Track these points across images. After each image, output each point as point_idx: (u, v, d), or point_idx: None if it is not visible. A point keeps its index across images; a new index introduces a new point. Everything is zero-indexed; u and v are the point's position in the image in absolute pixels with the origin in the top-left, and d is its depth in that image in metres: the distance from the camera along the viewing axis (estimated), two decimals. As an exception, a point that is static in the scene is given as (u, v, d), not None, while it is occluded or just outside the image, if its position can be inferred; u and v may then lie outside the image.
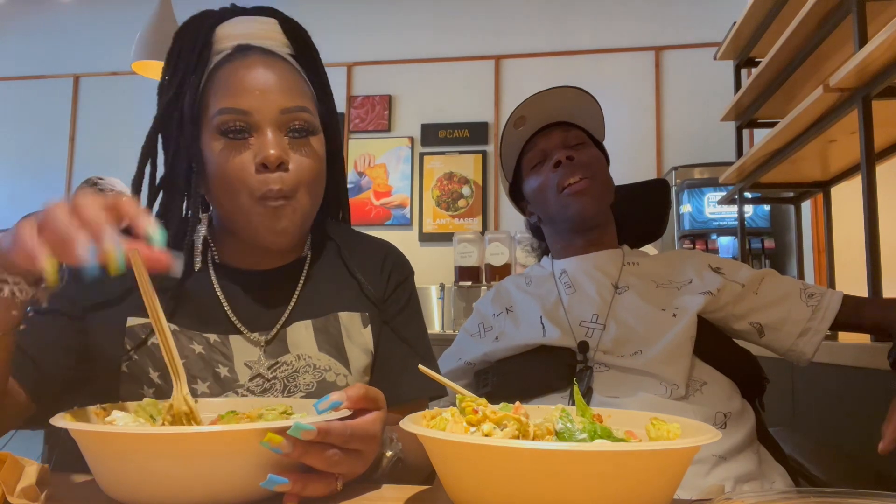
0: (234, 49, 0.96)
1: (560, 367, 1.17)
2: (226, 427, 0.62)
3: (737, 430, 1.10)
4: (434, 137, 4.39)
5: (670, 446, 0.58)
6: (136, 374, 0.90)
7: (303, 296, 0.98)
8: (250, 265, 0.98)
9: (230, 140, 0.90)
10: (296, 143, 0.91)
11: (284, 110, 0.90)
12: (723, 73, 2.94)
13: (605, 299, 1.24)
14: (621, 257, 1.32)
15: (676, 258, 1.33)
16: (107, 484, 0.64)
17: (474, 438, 0.59)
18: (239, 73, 0.92)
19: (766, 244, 3.52)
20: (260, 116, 0.90)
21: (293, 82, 0.94)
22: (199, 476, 0.61)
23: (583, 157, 1.29)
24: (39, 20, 4.92)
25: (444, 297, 3.95)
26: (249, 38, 0.97)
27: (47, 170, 4.73)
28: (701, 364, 1.16)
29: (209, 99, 0.92)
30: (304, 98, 0.94)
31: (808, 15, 1.88)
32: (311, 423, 0.62)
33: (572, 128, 1.35)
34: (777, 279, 1.27)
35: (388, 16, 4.49)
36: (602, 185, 1.30)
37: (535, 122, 1.36)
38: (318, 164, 0.93)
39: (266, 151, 0.87)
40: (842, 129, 1.82)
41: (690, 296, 1.21)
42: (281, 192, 0.88)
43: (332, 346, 0.95)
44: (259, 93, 0.90)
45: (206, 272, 0.97)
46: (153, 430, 0.62)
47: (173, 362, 0.69)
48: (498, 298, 1.37)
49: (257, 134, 0.90)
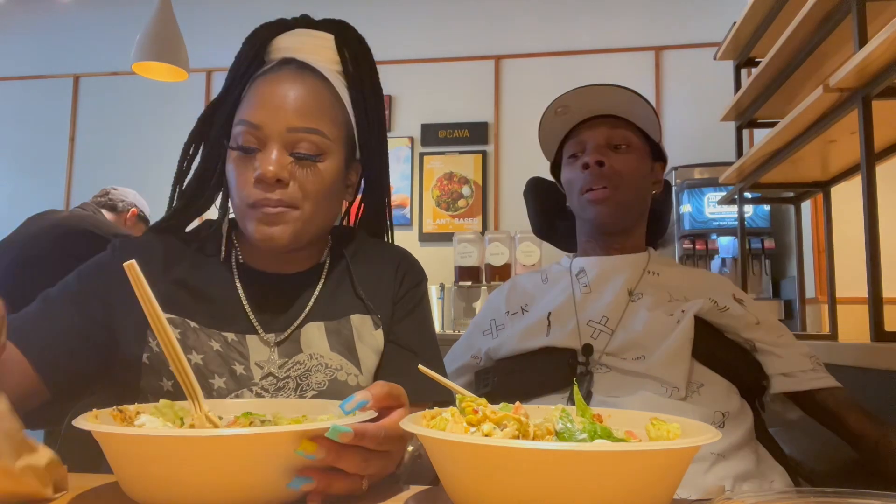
0: (278, 62, 0.97)
1: (562, 368, 1.16)
2: (264, 429, 0.62)
3: (735, 429, 1.10)
4: (434, 137, 4.39)
5: (670, 446, 0.58)
6: (156, 366, 0.91)
7: (318, 300, 0.99)
8: (272, 268, 1.01)
9: (241, 153, 0.93)
10: (301, 164, 0.92)
11: (291, 129, 0.91)
12: (723, 73, 2.94)
13: (619, 305, 1.22)
14: (644, 264, 1.29)
15: (702, 279, 1.30)
16: (131, 486, 0.64)
17: (474, 438, 0.59)
18: (264, 86, 0.94)
19: (766, 244, 3.51)
20: (268, 132, 0.91)
21: (316, 102, 0.94)
22: (229, 478, 0.61)
23: (616, 163, 1.25)
24: (39, 20, 4.92)
25: (444, 297, 3.95)
26: (296, 51, 0.99)
27: (47, 170, 4.73)
28: (698, 366, 1.16)
29: (240, 108, 0.95)
30: (322, 120, 0.93)
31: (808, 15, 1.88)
32: (347, 426, 0.62)
33: (621, 124, 1.29)
34: (795, 339, 1.25)
35: (388, 16, 4.49)
36: (628, 195, 1.26)
37: (579, 113, 1.31)
38: (322, 188, 0.94)
39: (264, 168, 0.89)
40: (842, 129, 1.82)
41: (698, 300, 1.20)
42: (272, 200, 0.91)
43: (343, 347, 0.96)
44: (272, 108, 0.91)
45: (230, 272, 0.99)
46: (190, 433, 0.61)
47: (189, 382, 0.68)
48: (514, 295, 1.35)
49: (264, 149, 0.91)
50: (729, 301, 1.22)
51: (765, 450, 1.17)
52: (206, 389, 0.90)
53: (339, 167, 0.96)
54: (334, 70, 0.99)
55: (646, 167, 1.30)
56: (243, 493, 0.61)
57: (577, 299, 1.25)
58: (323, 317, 0.98)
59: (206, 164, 1.02)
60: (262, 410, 0.77)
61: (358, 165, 1.04)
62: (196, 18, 4.30)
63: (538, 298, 1.30)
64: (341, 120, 0.97)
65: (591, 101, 1.29)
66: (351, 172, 1.03)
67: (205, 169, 1.02)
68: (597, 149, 1.26)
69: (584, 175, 1.25)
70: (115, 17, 4.75)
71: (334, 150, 0.95)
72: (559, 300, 1.26)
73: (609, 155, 1.26)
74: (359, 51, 1.02)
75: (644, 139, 1.31)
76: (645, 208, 1.33)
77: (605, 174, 1.24)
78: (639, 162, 1.28)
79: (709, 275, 1.34)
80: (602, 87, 1.28)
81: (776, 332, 1.23)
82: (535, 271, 1.41)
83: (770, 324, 1.23)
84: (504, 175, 4.30)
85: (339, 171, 0.96)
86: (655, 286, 1.25)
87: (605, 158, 1.24)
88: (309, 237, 0.97)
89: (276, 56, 0.99)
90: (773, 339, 1.22)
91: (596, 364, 1.16)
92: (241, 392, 0.91)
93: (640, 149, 1.29)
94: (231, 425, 0.71)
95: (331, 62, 1.00)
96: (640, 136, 1.30)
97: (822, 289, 3.18)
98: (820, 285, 3.21)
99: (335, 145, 0.95)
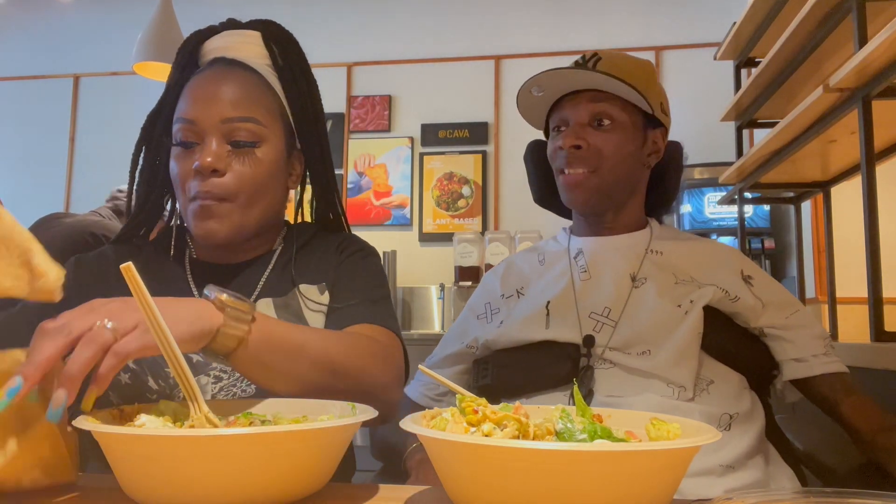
0: (209, 62, 1.03)
1: (563, 362, 1.12)
2: (264, 429, 0.62)
3: (744, 434, 1.06)
4: (434, 137, 4.39)
5: (670, 446, 0.58)
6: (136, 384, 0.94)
7: (268, 281, 1.03)
8: (224, 260, 1.05)
9: (182, 149, 0.97)
10: (238, 153, 0.96)
11: (226, 120, 0.95)
12: (723, 73, 2.94)
13: (622, 293, 1.16)
14: (645, 242, 1.22)
15: (709, 254, 1.22)
16: (131, 487, 0.64)
17: (474, 438, 0.59)
18: (196, 84, 0.99)
19: (766, 244, 3.51)
20: (204, 126, 0.96)
21: (247, 92, 0.98)
22: (229, 478, 0.61)
23: (598, 142, 1.17)
24: (39, 20, 4.92)
25: (443, 297, 3.95)
26: (225, 50, 1.04)
27: (47, 170, 4.73)
28: (707, 359, 1.11)
29: (177, 108, 0.99)
30: (255, 108, 0.98)
31: (808, 15, 1.88)
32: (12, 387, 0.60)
33: (604, 97, 1.19)
34: (808, 317, 1.19)
35: (388, 16, 4.49)
36: (609, 177, 1.18)
37: (556, 91, 1.23)
38: (260, 174, 0.98)
39: (202, 159, 0.94)
40: (842, 129, 1.82)
41: (707, 288, 1.14)
42: (210, 193, 0.95)
43: (292, 316, 0.99)
44: (205, 103, 0.96)
45: (183, 268, 1.04)
46: (190, 433, 0.61)
47: (189, 384, 0.68)
48: (509, 277, 1.29)
49: (203, 142, 0.96)
50: (738, 284, 1.16)
51: (774, 451, 1.13)
52: (163, 377, 0.93)
53: (278, 154, 1.00)
54: (264, 64, 1.04)
55: (635, 142, 1.20)
56: (243, 493, 0.62)
57: (576, 287, 1.19)
58: (271, 294, 1.01)
59: (150, 166, 1.06)
60: (262, 410, 0.78)
61: (300, 155, 1.08)
62: (196, 19, 4.28)
63: (535, 281, 1.25)
64: (276, 109, 1.01)
65: (566, 81, 1.21)
66: (294, 162, 1.07)
67: (150, 171, 1.07)
68: (576, 129, 1.19)
69: (562, 155, 1.19)
70: (115, 17, 4.75)
71: (271, 138, 0.99)
72: (558, 288, 1.20)
73: (589, 134, 1.18)
74: (287, 45, 1.06)
75: (634, 110, 1.21)
76: (635, 184, 1.24)
77: (582, 156, 1.17)
78: (623, 139, 1.18)
79: (716, 249, 1.25)
80: (574, 71, 1.20)
81: (785, 311, 1.17)
82: (530, 249, 1.35)
83: (778, 302, 1.17)
84: (504, 175, 4.30)
85: (278, 158, 1.00)
86: (660, 267, 1.18)
87: (585, 139, 1.17)
88: (252, 227, 1.00)
89: (208, 58, 1.05)
90: (781, 321, 1.16)
91: (598, 359, 1.11)
92: (199, 377, 0.93)
93: (627, 123, 1.19)
94: (231, 425, 0.71)
95: (259, 56, 1.04)
96: (628, 109, 1.20)
97: (822, 289, 3.18)
98: (820, 285, 3.21)
99: (272, 133, 0.99)
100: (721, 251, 1.25)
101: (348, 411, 0.76)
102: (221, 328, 0.74)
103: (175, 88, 1.02)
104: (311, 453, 0.65)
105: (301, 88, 1.05)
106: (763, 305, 1.16)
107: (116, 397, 0.93)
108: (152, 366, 0.93)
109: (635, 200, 1.25)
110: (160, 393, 0.93)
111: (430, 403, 1.23)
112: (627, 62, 1.23)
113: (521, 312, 1.20)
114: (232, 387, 0.93)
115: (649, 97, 1.20)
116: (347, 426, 0.66)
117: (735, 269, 1.19)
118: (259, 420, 0.74)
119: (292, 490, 0.65)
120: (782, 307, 1.17)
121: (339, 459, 0.70)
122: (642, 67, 1.24)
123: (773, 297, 1.18)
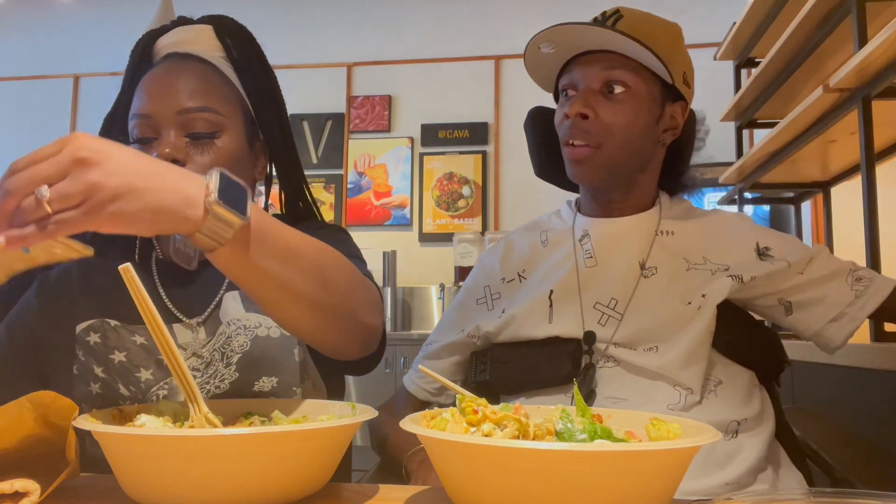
0: (162, 58, 1.01)
1: (564, 361, 1.07)
2: (264, 429, 0.63)
3: (752, 445, 1.01)
4: (434, 137, 4.39)
5: (670, 446, 0.58)
6: (84, 374, 0.94)
7: None
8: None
9: (139, 145, 0.95)
10: (197, 144, 0.95)
11: (182, 111, 0.94)
12: (723, 73, 2.94)
13: (629, 283, 1.08)
14: (655, 223, 1.13)
15: (722, 230, 1.13)
16: (131, 486, 0.64)
17: (474, 438, 0.59)
18: (149, 80, 0.97)
19: (766, 244, 3.51)
20: (159, 119, 0.94)
21: (202, 84, 0.96)
22: (229, 478, 0.61)
23: (607, 114, 1.06)
24: (39, 20, 4.92)
25: (443, 297, 3.95)
26: (177, 46, 1.03)
27: (47, 170, 4.73)
28: (717, 358, 1.06)
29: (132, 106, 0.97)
30: (212, 98, 0.96)
31: (808, 15, 1.88)
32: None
33: (620, 62, 1.07)
34: (828, 259, 1.11)
35: (388, 16, 4.49)
36: (617, 154, 1.07)
37: (567, 51, 1.11)
38: (222, 164, 0.94)
39: (160, 151, 0.92)
40: (842, 130, 1.83)
41: (720, 280, 1.06)
42: None
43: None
44: (158, 96, 0.94)
45: (150, 269, 1.02)
46: (190, 433, 0.62)
47: (188, 385, 0.68)
48: (510, 258, 1.20)
49: (160, 136, 0.94)
50: (753, 262, 1.09)
51: (784, 455, 1.08)
52: (133, 383, 0.93)
53: (239, 144, 0.98)
54: (218, 56, 1.02)
55: (650, 116, 1.09)
56: (243, 493, 0.62)
57: (581, 274, 1.11)
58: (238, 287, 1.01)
59: None
60: (262, 410, 0.78)
61: (264, 146, 1.06)
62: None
63: (537, 264, 1.17)
64: (234, 100, 0.99)
65: (579, 39, 1.09)
66: (258, 153, 1.05)
67: None
68: (584, 95, 1.07)
69: (567, 124, 1.08)
70: (115, 17, 4.75)
71: (231, 127, 0.97)
72: (562, 274, 1.12)
73: (600, 103, 1.07)
74: (241, 37, 1.04)
75: (653, 78, 1.09)
76: (647, 163, 1.13)
77: (587, 129, 1.06)
78: (637, 111, 1.07)
79: (729, 222, 1.15)
80: (589, 28, 1.07)
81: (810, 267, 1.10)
82: (531, 226, 1.24)
83: (799, 260, 1.10)
84: (504, 175, 4.30)
85: (239, 148, 0.98)
86: (670, 252, 1.10)
87: (593, 108, 1.06)
88: None
89: (161, 55, 1.03)
90: (807, 278, 1.09)
91: (602, 356, 1.06)
92: (170, 380, 0.93)
93: (643, 93, 1.08)
94: (231, 425, 0.71)
95: (213, 49, 1.03)
96: (646, 77, 1.08)
97: (822, 289, 3.18)
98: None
99: (231, 122, 0.97)
100: (734, 225, 1.15)
101: (348, 411, 0.76)
102: (197, 234, 0.66)
103: (129, 88, 1.01)
104: (311, 453, 0.65)
105: (257, 78, 1.03)
106: (788, 266, 1.09)
107: (88, 408, 0.92)
108: (122, 373, 0.93)
109: (647, 178, 1.15)
110: (132, 399, 0.92)
111: (428, 397, 1.22)
112: (651, 23, 1.12)
113: (523, 302, 1.13)
114: (206, 384, 0.93)
115: (671, 65, 1.08)
116: (347, 426, 0.66)
117: (749, 245, 1.11)
118: (259, 420, 0.74)
119: (292, 490, 0.65)
120: (801, 262, 1.10)
121: (339, 459, 0.70)
122: (667, 30, 1.13)
123: (793, 256, 1.10)
